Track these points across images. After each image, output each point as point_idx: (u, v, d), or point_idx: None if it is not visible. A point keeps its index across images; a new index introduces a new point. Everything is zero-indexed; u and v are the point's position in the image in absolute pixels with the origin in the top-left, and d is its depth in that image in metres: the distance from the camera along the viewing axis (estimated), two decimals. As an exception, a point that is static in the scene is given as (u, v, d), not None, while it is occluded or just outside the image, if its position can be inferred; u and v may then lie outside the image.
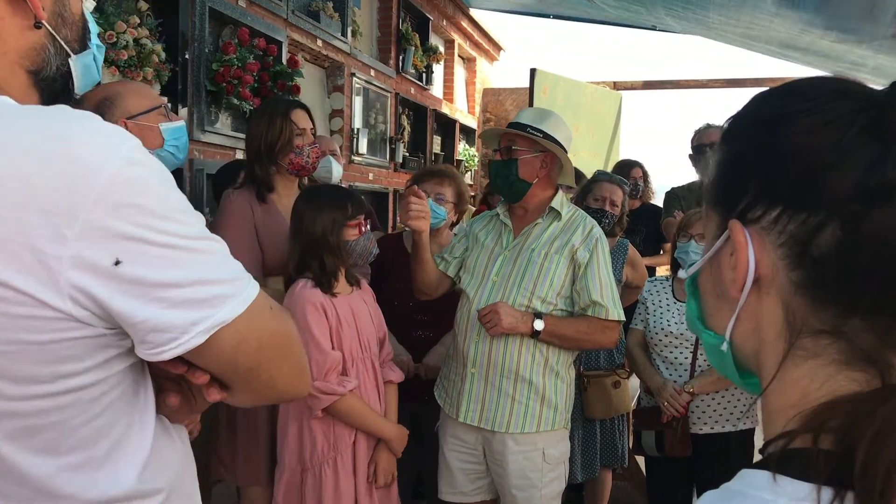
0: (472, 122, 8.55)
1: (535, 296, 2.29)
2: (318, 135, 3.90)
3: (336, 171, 3.48)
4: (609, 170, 8.22)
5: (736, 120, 0.67)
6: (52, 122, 0.76)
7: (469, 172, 8.31)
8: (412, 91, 6.60)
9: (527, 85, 7.89)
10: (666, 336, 2.79)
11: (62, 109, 0.78)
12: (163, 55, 3.25)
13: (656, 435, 2.76)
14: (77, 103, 1.01)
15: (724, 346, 0.64)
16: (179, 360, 0.82)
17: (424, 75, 6.85)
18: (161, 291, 0.76)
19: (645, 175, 4.99)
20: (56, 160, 0.72)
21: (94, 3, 1.01)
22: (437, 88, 7.41)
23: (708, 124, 3.75)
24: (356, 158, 5.49)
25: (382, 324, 2.30)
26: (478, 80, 8.81)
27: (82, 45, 0.95)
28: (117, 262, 0.73)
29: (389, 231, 6.07)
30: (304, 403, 2.05)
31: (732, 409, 2.72)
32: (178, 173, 3.42)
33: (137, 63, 3.10)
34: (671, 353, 2.78)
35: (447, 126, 7.72)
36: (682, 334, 2.76)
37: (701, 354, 2.72)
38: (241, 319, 0.82)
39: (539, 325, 2.23)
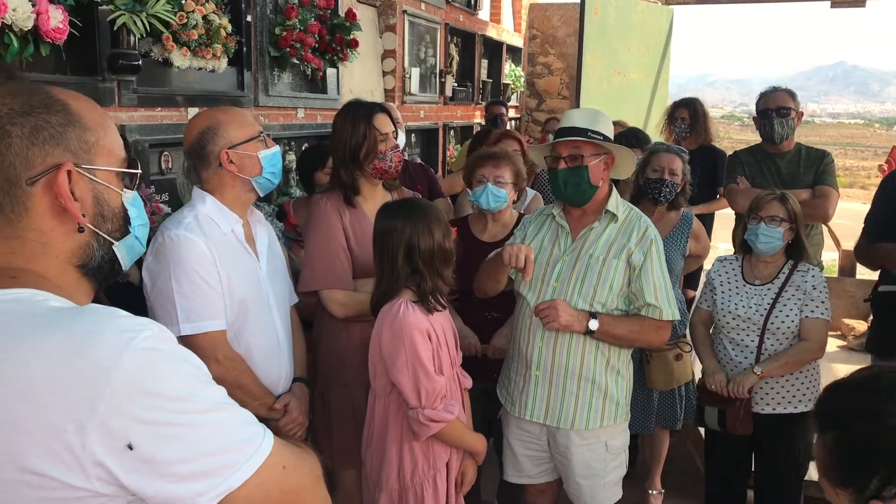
0: (518, 41, 8.35)
1: (595, 301, 2.35)
2: (381, 102, 3.92)
3: (400, 140, 3.52)
4: (657, 98, 8.06)
5: (843, 401, 0.77)
6: (74, 325, 0.88)
7: (515, 94, 8.19)
8: (461, 18, 6.46)
9: (574, 0, 7.67)
10: (734, 319, 2.86)
11: (87, 312, 0.91)
12: (229, 27, 3.25)
13: (719, 412, 2.88)
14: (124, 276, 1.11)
15: None
16: None
17: (473, 0, 6.67)
18: (169, 468, 0.88)
19: (695, 115, 4.85)
20: (76, 363, 0.85)
21: (135, 193, 1.11)
22: (483, 11, 7.22)
23: (774, 87, 3.66)
24: (407, 98, 5.46)
25: (455, 329, 2.31)
26: (524, -6, 8.54)
27: (123, 231, 1.08)
28: (130, 447, 0.85)
29: (440, 167, 6.11)
30: (404, 426, 2.12)
31: (795, 391, 2.82)
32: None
33: (207, 41, 3.11)
34: (738, 335, 2.86)
35: (494, 49, 7.56)
36: (749, 318, 2.83)
37: (768, 338, 2.80)
38: (250, 483, 0.93)
39: (594, 324, 2.30)
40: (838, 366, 5.36)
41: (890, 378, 0.77)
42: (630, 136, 4.06)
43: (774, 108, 3.55)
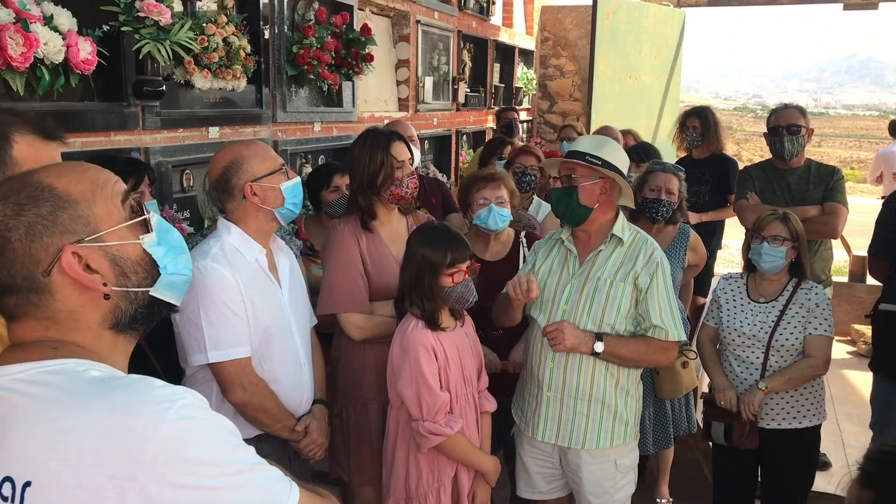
0: (530, 44, 8.40)
1: (604, 323, 2.42)
2: (396, 120, 4.00)
3: (416, 158, 3.60)
4: (669, 103, 8.09)
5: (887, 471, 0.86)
6: (114, 398, 0.95)
7: (527, 97, 8.25)
8: (473, 25, 6.53)
9: (586, 2, 7.72)
10: (739, 336, 2.93)
11: (126, 385, 0.98)
12: (248, 48, 3.34)
13: (725, 427, 2.95)
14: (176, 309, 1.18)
15: None
16: None
17: (486, 6, 6.73)
18: None
19: (706, 124, 4.89)
20: (117, 433, 0.92)
21: (156, 237, 1.11)
22: (496, 16, 7.28)
23: (785, 104, 3.72)
24: (421, 107, 5.54)
25: (481, 354, 2.47)
26: (536, -4, 8.59)
27: (154, 275, 1.10)
28: None
29: (453, 175, 6.19)
30: (411, 437, 2.27)
31: (800, 406, 2.89)
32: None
33: (227, 62, 3.20)
34: (743, 352, 2.93)
35: (506, 52, 7.62)
36: (754, 335, 2.89)
37: (772, 355, 2.87)
38: None
39: (599, 346, 2.38)
40: (848, 372, 5.41)
41: None
42: (640, 151, 4.12)
43: (785, 125, 3.60)
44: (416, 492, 2.31)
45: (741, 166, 4.73)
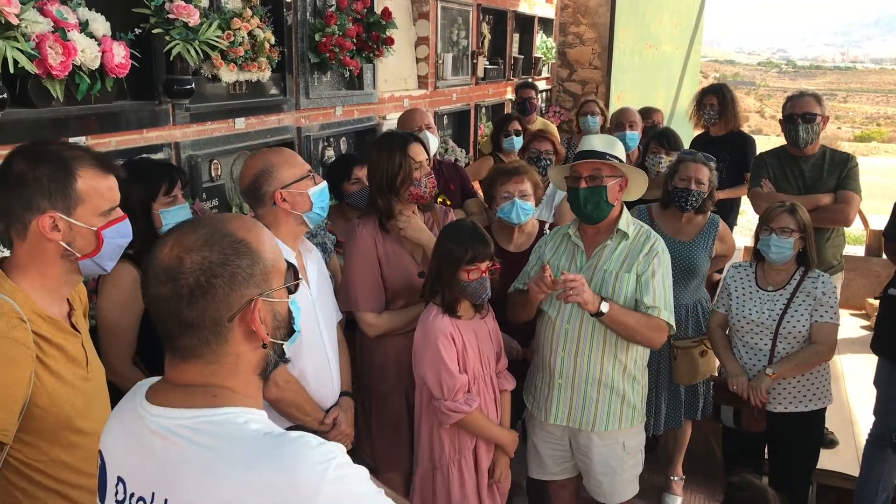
0: (549, 12, 8.35)
1: None
2: (414, 108, 4.08)
3: (433, 145, 3.69)
4: (689, 79, 8.04)
5: None
6: (277, 457, 1.05)
7: (546, 66, 8.24)
8: (493, -4, 6.52)
9: (607, -31, 7.67)
10: (748, 323, 3.03)
11: (286, 443, 1.07)
12: (273, 39, 3.42)
13: (735, 411, 3.08)
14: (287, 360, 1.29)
15: None
16: None
17: (505, -23, 6.71)
18: None
19: (723, 102, 4.90)
20: (284, 493, 1.03)
21: (294, 298, 1.23)
22: (516, -14, 7.24)
23: (801, 92, 3.74)
24: (440, 84, 5.59)
25: (500, 340, 2.67)
26: (556, -36, 8.50)
27: (290, 331, 1.23)
28: None
29: (471, 147, 6.25)
30: (433, 414, 2.49)
31: (806, 391, 3.00)
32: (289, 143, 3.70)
33: (252, 55, 3.28)
34: (752, 339, 3.04)
35: (525, 22, 7.60)
36: (762, 322, 3.00)
37: (780, 342, 2.98)
38: None
39: (605, 307, 2.46)
40: (860, 347, 5.46)
41: None
42: (661, 137, 4.14)
43: (800, 113, 3.63)
44: (439, 462, 2.54)
45: (764, 131, 4.73)
